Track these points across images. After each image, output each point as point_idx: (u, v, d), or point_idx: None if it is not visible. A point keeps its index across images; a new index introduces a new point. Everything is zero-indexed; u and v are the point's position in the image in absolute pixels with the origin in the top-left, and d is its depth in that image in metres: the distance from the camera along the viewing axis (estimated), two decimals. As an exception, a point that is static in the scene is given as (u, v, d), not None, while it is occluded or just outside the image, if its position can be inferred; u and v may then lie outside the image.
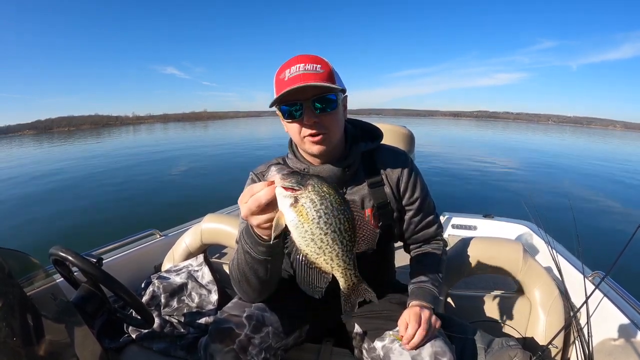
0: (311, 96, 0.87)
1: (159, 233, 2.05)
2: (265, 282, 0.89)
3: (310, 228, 0.60)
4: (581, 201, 7.78)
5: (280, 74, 0.89)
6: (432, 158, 13.87)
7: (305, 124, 0.89)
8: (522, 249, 1.37)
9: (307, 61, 0.87)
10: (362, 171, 1.05)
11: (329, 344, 1.17)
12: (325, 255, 0.62)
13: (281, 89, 0.86)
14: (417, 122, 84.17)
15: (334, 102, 0.90)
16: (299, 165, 1.02)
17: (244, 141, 26.41)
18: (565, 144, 30.69)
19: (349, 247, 0.63)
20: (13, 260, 0.81)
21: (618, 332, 1.22)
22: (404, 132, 2.16)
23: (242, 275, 0.88)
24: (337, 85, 0.88)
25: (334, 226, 0.60)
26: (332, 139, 0.94)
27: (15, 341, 0.64)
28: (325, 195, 0.60)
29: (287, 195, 0.60)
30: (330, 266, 0.63)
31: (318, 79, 0.86)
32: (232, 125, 75.53)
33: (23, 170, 14.35)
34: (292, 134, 0.96)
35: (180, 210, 5.91)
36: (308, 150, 0.95)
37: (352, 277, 0.65)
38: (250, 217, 0.66)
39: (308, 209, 0.59)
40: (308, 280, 0.63)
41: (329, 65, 0.90)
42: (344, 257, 0.63)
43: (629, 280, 1.48)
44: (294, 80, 0.85)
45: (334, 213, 0.60)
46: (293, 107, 0.88)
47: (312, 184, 0.60)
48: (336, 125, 0.94)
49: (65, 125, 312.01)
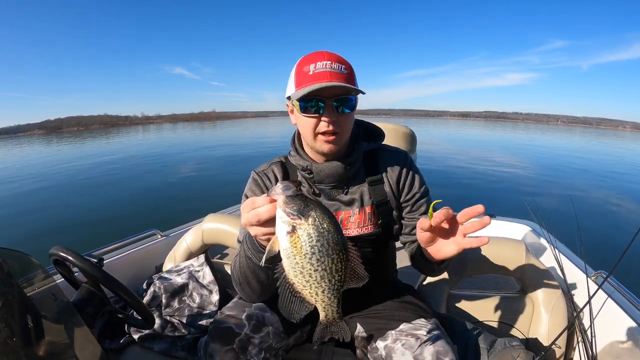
0: (333, 95, 0.89)
1: (160, 233, 2.04)
2: (266, 287, 0.88)
3: (302, 261, 0.59)
4: (583, 201, 7.76)
5: (304, 66, 0.90)
6: (434, 158, 13.86)
7: (323, 120, 0.90)
8: (524, 249, 1.36)
9: (333, 59, 0.89)
10: (363, 170, 1.06)
11: (330, 345, 1.16)
12: (311, 289, 0.61)
13: (304, 82, 0.88)
14: (426, 123, 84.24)
15: (352, 102, 0.92)
16: (302, 162, 1.02)
17: (248, 141, 26.45)
18: (570, 145, 30.61)
19: (337, 286, 0.62)
20: (13, 260, 0.81)
21: (621, 332, 1.22)
22: (406, 131, 2.16)
23: (243, 277, 0.88)
24: (357, 88, 0.91)
25: (325, 264, 0.60)
26: (343, 139, 0.96)
27: (15, 341, 0.64)
28: (323, 233, 0.59)
29: (285, 222, 0.59)
30: (313, 299, 0.63)
31: (342, 79, 0.88)
32: (239, 125, 75.72)
33: (24, 170, 14.40)
34: (305, 129, 0.95)
35: (181, 211, 5.92)
36: (318, 147, 0.96)
37: (334, 313, 0.65)
38: (250, 227, 0.67)
39: (303, 242, 0.58)
40: (289, 306, 0.63)
41: (351, 66, 0.93)
42: (329, 295, 0.62)
43: (632, 280, 1.47)
44: (320, 77, 0.87)
45: (329, 252, 0.59)
46: (314, 103, 0.89)
47: (314, 217, 0.59)
48: (349, 125, 0.96)
49: (74, 125, 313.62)
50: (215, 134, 40.52)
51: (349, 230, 1.04)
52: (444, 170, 10.98)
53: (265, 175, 1.07)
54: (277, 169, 1.08)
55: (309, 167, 1.01)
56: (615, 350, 1.18)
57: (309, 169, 1.01)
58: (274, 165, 1.09)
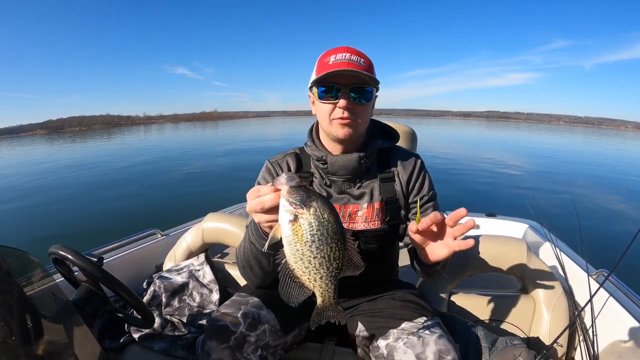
0: (350, 83, 0.93)
1: (160, 232, 2.04)
2: (268, 273, 0.93)
3: (302, 249, 0.63)
4: (584, 200, 7.76)
5: (325, 57, 0.96)
6: (435, 157, 13.85)
7: (339, 107, 0.94)
8: (525, 247, 1.36)
9: (353, 52, 0.94)
10: (375, 166, 1.09)
11: (331, 344, 1.16)
12: (310, 275, 0.65)
13: (324, 70, 0.93)
14: (427, 123, 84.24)
15: (368, 94, 0.96)
16: (317, 153, 1.05)
17: (249, 141, 26.46)
18: (571, 144, 30.60)
19: (334, 273, 0.66)
20: (12, 258, 0.80)
21: (622, 331, 1.21)
22: (407, 130, 2.15)
23: (246, 262, 0.93)
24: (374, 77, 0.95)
25: (324, 252, 0.63)
26: (359, 127, 1.00)
27: (14, 340, 0.64)
28: (323, 222, 0.62)
29: (288, 211, 0.62)
30: (312, 285, 0.67)
31: (360, 70, 0.92)
32: (241, 125, 75.91)
33: (24, 170, 14.41)
34: (322, 116, 1.00)
35: (181, 210, 5.92)
36: (334, 132, 0.98)
37: (330, 298, 0.69)
38: (254, 214, 0.70)
39: (304, 230, 0.62)
40: (288, 291, 0.66)
41: (371, 61, 0.98)
42: (327, 281, 0.66)
43: (634, 279, 1.46)
44: (339, 66, 0.92)
45: (328, 241, 0.63)
46: (332, 92, 0.94)
47: (315, 207, 0.62)
48: (365, 116, 1.00)
49: (76, 125, 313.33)
50: (217, 134, 40.56)
51: (356, 224, 1.05)
52: (444, 169, 10.97)
53: (279, 165, 1.11)
54: (291, 159, 1.12)
55: (324, 158, 1.04)
56: (617, 349, 1.18)
57: (323, 160, 1.04)
58: (289, 156, 1.13)
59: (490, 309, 1.39)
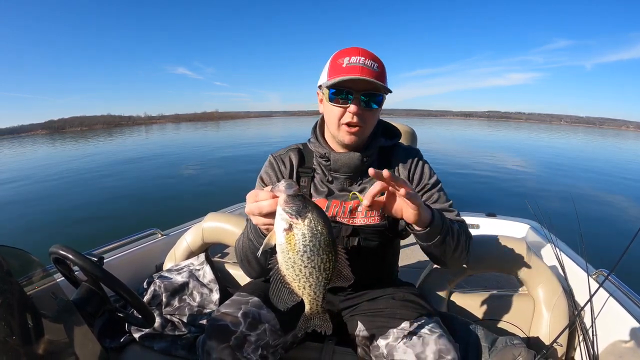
0: (362, 89, 0.93)
1: (161, 232, 2.04)
2: (264, 268, 0.94)
3: (294, 257, 0.65)
4: (584, 200, 7.76)
5: (339, 58, 0.95)
6: (436, 157, 13.85)
7: (349, 112, 0.95)
8: (525, 247, 1.36)
9: (367, 56, 0.93)
10: (377, 164, 1.09)
11: (331, 343, 1.16)
12: (300, 282, 0.67)
13: (337, 73, 0.93)
14: (428, 122, 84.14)
15: (379, 98, 0.97)
16: (321, 149, 1.06)
17: (249, 141, 26.46)
18: (572, 144, 30.57)
19: (324, 283, 0.68)
20: (13, 258, 0.81)
21: (622, 330, 1.21)
22: (407, 130, 2.15)
23: (244, 256, 0.96)
24: (386, 86, 0.95)
25: (314, 262, 0.65)
26: (365, 133, 1.01)
27: (15, 340, 0.64)
28: (316, 234, 0.64)
29: (284, 219, 0.64)
30: (301, 292, 0.69)
31: (373, 76, 0.92)
32: (242, 125, 75.96)
33: (24, 170, 14.41)
34: (330, 118, 1.00)
35: (181, 209, 5.92)
36: (340, 137, 1.00)
37: (318, 306, 0.71)
38: (252, 216, 0.73)
39: (297, 240, 0.64)
40: (279, 295, 0.69)
41: (383, 65, 0.97)
42: (316, 289, 0.68)
43: (634, 279, 1.46)
44: (353, 70, 0.91)
45: (319, 252, 0.65)
46: (343, 94, 0.94)
47: (310, 219, 0.64)
48: (373, 121, 1.01)
49: (77, 125, 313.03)
50: (218, 134, 40.55)
51: (356, 219, 1.06)
52: (444, 169, 10.96)
53: (281, 160, 1.12)
54: (294, 155, 1.12)
55: (327, 155, 1.04)
56: (617, 348, 1.18)
57: (326, 156, 1.05)
58: (291, 152, 1.13)
59: (490, 308, 1.39)
